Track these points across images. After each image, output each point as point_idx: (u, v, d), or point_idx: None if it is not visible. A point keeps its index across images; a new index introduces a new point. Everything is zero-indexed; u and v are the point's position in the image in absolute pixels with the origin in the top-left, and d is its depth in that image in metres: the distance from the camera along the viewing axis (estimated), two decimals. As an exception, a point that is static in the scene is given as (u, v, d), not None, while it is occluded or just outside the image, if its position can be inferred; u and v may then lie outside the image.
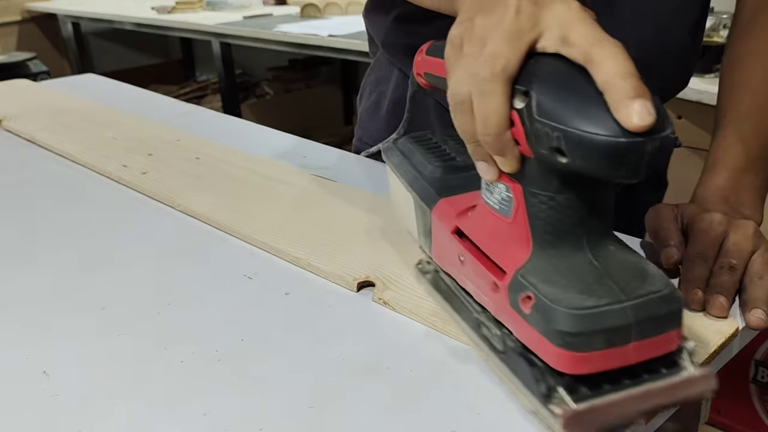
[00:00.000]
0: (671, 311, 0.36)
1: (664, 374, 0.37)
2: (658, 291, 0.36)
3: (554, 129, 0.35)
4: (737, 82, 0.65)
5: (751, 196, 0.59)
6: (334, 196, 0.68)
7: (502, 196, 0.41)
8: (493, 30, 0.38)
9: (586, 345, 0.35)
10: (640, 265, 0.38)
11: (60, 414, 0.41)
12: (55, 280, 0.56)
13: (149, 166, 0.77)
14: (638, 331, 0.35)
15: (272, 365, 0.45)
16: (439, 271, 0.50)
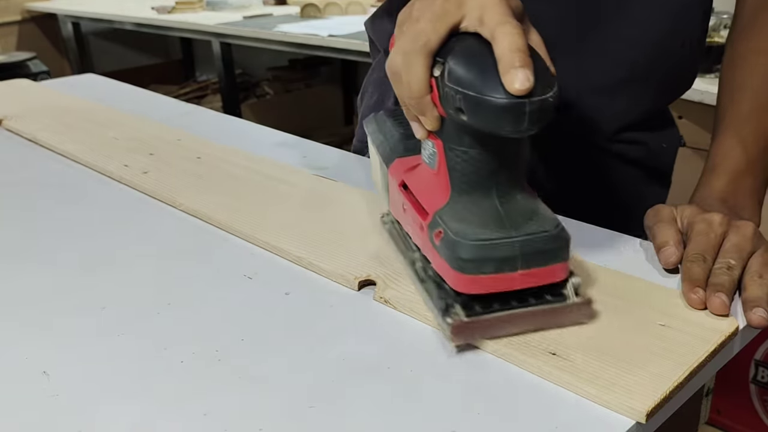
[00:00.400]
0: (555, 248, 0.44)
1: (548, 300, 0.45)
2: (546, 231, 0.44)
3: (457, 92, 0.42)
4: (738, 81, 0.65)
5: (750, 199, 0.60)
6: (335, 196, 0.68)
7: (429, 151, 0.49)
8: (424, 12, 0.45)
9: (477, 269, 0.43)
10: (537, 211, 0.46)
11: (60, 414, 0.41)
12: (56, 279, 0.56)
13: (150, 166, 0.77)
14: (524, 262, 0.43)
15: (272, 365, 0.45)
16: (394, 222, 0.58)
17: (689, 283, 0.49)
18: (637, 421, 0.39)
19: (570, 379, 0.41)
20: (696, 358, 0.43)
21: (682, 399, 0.43)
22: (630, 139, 0.74)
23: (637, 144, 0.75)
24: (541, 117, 0.41)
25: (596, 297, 0.49)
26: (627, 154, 0.75)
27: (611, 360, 0.43)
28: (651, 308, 0.48)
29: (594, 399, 0.40)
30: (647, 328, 0.46)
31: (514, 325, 0.45)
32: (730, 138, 0.62)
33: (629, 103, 0.72)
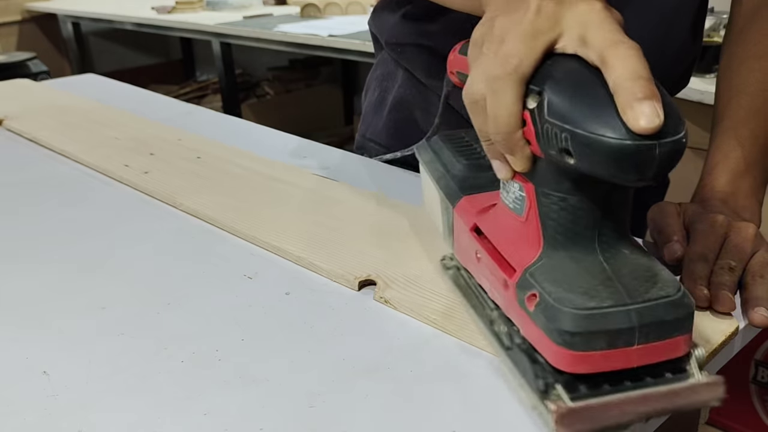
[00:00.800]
0: (679, 317, 0.36)
1: (668, 379, 0.37)
2: (667, 296, 0.36)
3: (563, 130, 0.35)
4: (735, 85, 0.65)
5: (750, 200, 0.60)
6: (335, 196, 0.68)
7: (516, 195, 0.41)
8: (511, 29, 0.38)
9: (585, 345, 0.35)
10: (653, 269, 0.38)
11: (60, 414, 0.41)
12: (56, 279, 0.56)
13: (151, 166, 0.77)
14: (642, 335, 0.35)
15: (272, 365, 0.45)
16: (460, 268, 0.51)
17: (692, 282, 0.49)
18: (637, 420, 0.39)
19: (570, 378, 0.41)
20: (696, 358, 0.42)
21: (682, 399, 0.43)
22: None
23: None
24: (673, 162, 0.34)
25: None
26: None
27: (611, 360, 0.43)
28: (651, 308, 0.48)
29: (594, 399, 0.40)
30: (647, 328, 0.46)
31: (634, 409, 0.36)
32: (728, 139, 0.62)
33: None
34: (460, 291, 0.49)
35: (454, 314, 0.48)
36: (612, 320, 0.35)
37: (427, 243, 0.58)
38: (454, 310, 0.48)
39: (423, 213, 0.63)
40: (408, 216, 0.63)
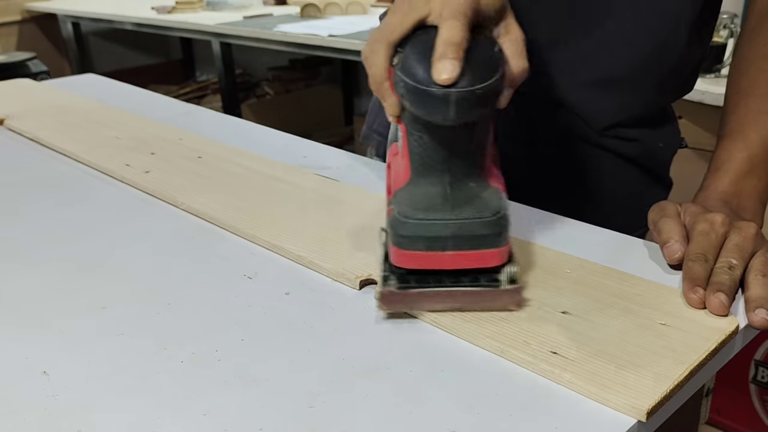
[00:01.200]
0: (489, 234, 0.46)
1: (479, 284, 0.48)
2: (481, 217, 0.46)
3: (401, 80, 0.45)
4: (744, 86, 0.65)
5: (753, 201, 0.60)
6: (335, 195, 0.68)
7: (398, 134, 0.51)
8: (400, 6, 0.49)
9: (410, 245, 0.47)
10: (485, 199, 0.48)
11: (60, 414, 0.41)
12: (56, 279, 0.56)
13: (152, 165, 0.77)
14: (454, 244, 0.46)
15: (272, 365, 0.45)
16: None
17: (689, 283, 0.49)
18: (638, 419, 0.39)
19: (571, 377, 0.41)
20: (697, 357, 0.43)
21: (683, 398, 0.43)
22: (624, 136, 0.75)
23: (630, 141, 0.75)
24: (469, 107, 0.44)
25: (598, 297, 0.49)
26: (621, 151, 0.75)
27: (612, 359, 0.43)
28: (652, 307, 0.48)
29: (595, 398, 0.40)
30: (648, 327, 0.46)
31: (443, 302, 0.48)
32: (735, 141, 0.62)
33: (622, 100, 0.72)
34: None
35: (455, 313, 0.48)
36: (430, 229, 0.46)
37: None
38: (454, 309, 0.48)
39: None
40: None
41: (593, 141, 0.74)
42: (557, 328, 0.46)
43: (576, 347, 0.44)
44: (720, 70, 1.44)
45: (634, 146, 0.75)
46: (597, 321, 0.46)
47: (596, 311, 0.48)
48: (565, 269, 0.53)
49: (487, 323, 0.47)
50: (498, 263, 0.47)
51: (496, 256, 0.47)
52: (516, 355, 0.44)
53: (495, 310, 0.48)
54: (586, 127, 0.74)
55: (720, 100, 1.38)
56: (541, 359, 0.43)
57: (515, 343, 0.45)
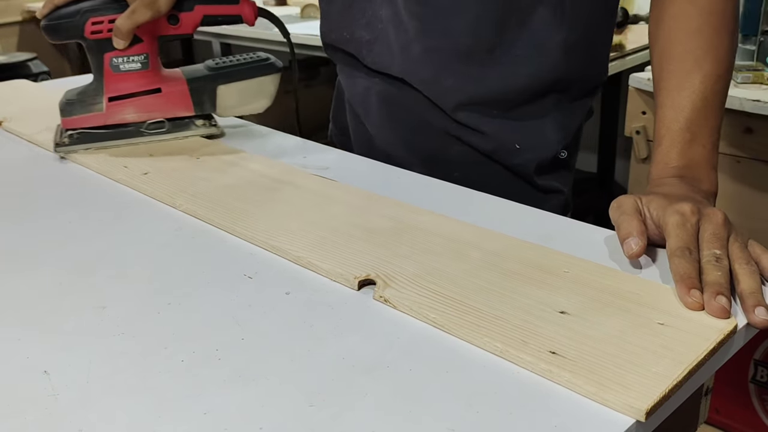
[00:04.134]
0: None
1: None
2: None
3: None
4: (661, 49, 0.67)
5: (704, 169, 0.62)
6: (335, 196, 0.68)
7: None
8: None
9: (67, 113, 0.82)
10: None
11: (61, 413, 0.41)
12: (56, 279, 0.56)
13: (150, 167, 0.77)
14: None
15: (272, 364, 0.45)
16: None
17: (683, 284, 0.49)
18: (637, 419, 0.39)
19: (569, 377, 0.41)
20: (695, 357, 0.43)
21: (682, 398, 0.43)
22: (474, 126, 0.78)
23: (480, 133, 0.79)
24: (45, 34, 0.78)
25: (595, 296, 0.50)
26: (470, 141, 0.79)
27: (610, 358, 0.43)
28: (650, 307, 0.48)
29: (593, 397, 0.40)
30: (646, 326, 0.46)
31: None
32: (668, 109, 0.64)
33: (465, 82, 0.77)
34: None
35: (454, 313, 0.48)
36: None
37: (427, 242, 0.58)
38: (453, 308, 0.49)
39: (421, 212, 0.64)
40: (408, 215, 0.63)
41: (439, 120, 0.80)
42: (555, 327, 0.46)
43: (574, 347, 0.44)
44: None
45: (485, 140, 0.79)
46: (595, 320, 0.47)
47: (594, 311, 0.48)
48: (563, 269, 0.53)
49: (486, 323, 0.47)
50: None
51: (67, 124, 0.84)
52: (515, 354, 0.44)
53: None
54: (434, 106, 0.79)
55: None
56: (540, 359, 0.43)
57: (514, 342, 0.45)
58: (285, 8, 2.85)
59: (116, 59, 0.82)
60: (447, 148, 0.81)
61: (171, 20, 0.84)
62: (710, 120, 0.63)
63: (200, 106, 0.85)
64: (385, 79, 0.83)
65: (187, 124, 0.86)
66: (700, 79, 0.64)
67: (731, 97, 1.31)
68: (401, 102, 0.82)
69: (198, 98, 0.85)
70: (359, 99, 0.87)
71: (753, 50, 1.43)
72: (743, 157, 1.36)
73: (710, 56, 0.64)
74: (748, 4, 1.42)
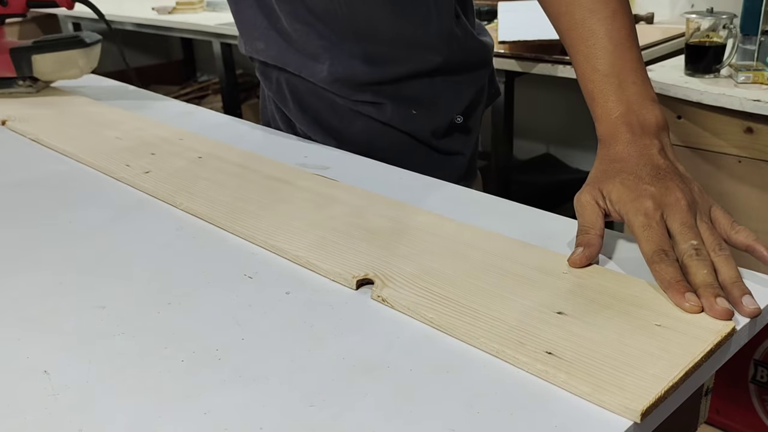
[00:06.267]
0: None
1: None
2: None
3: None
4: (553, 13, 0.67)
5: (646, 107, 0.59)
6: (335, 195, 0.68)
7: None
8: None
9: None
10: None
11: (61, 413, 0.41)
12: (57, 278, 0.57)
13: (152, 166, 0.77)
14: None
15: (272, 365, 0.45)
16: None
17: (673, 290, 0.48)
18: (632, 420, 0.39)
19: (565, 378, 0.42)
20: (692, 358, 0.43)
21: (681, 398, 0.43)
22: (363, 99, 0.86)
23: (372, 104, 0.87)
24: None
25: (593, 297, 0.50)
26: (366, 112, 0.87)
27: (607, 360, 0.43)
28: (648, 308, 0.48)
29: (589, 398, 0.41)
30: (643, 328, 0.46)
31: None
32: (583, 63, 0.62)
33: (353, 72, 0.85)
34: None
35: (451, 313, 0.48)
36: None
37: (427, 242, 0.58)
38: (450, 309, 0.49)
39: (420, 212, 0.64)
40: (407, 215, 0.63)
41: (347, 105, 0.88)
42: (553, 328, 0.46)
43: (571, 348, 0.44)
44: (719, 70, 1.45)
45: (382, 110, 0.86)
46: (592, 322, 0.47)
47: (592, 312, 0.48)
48: (562, 270, 0.53)
49: (483, 323, 0.47)
50: None
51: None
52: (511, 355, 0.44)
53: None
54: (333, 93, 0.87)
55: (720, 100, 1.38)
56: (536, 359, 0.43)
57: (510, 343, 0.45)
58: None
59: None
60: (352, 122, 0.89)
61: (1, 2, 1.06)
62: (627, 56, 0.61)
63: (20, 70, 1.09)
64: (288, 73, 0.91)
65: (9, 83, 1.11)
66: (597, 23, 0.62)
67: (731, 97, 1.31)
68: (306, 89, 0.90)
69: (18, 63, 1.09)
70: (275, 91, 0.95)
71: (753, 50, 1.43)
72: (744, 157, 1.37)
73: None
74: (748, 3, 1.42)
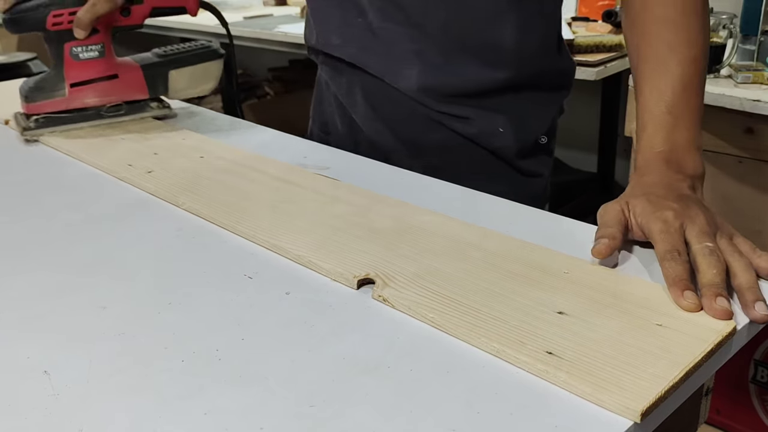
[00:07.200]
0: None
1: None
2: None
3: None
4: (634, 37, 0.69)
5: (689, 152, 0.62)
6: (337, 195, 0.68)
7: None
8: None
9: (31, 100, 0.87)
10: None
11: (61, 413, 0.41)
12: (57, 278, 0.57)
13: (154, 165, 0.77)
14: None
15: (272, 365, 0.45)
16: None
17: (675, 287, 0.49)
18: (633, 420, 0.39)
19: (566, 377, 0.42)
20: (692, 358, 0.43)
21: (681, 398, 0.43)
22: (449, 111, 0.82)
23: (458, 117, 0.83)
24: (6, 27, 0.83)
25: (594, 297, 0.50)
26: (449, 124, 0.83)
27: (607, 359, 0.43)
28: (649, 308, 0.48)
29: (589, 398, 0.41)
30: (644, 327, 0.46)
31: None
32: (648, 95, 0.65)
33: (443, 80, 0.81)
34: None
35: (452, 313, 0.48)
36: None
37: (429, 242, 0.58)
38: (451, 308, 0.49)
39: (422, 212, 0.64)
40: (408, 215, 0.63)
41: (429, 115, 0.83)
42: (553, 328, 0.46)
43: (572, 348, 0.44)
44: (719, 70, 1.45)
45: (468, 124, 0.82)
46: (593, 321, 0.47)
47: (592, 312, 0.48)
48: (563, 270, 0.53)
49: (484, 323, 0.47)
50: (26, 113, 0.89)
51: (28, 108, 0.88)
52: (512, 355, 0.44)
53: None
54: (419, 97, 0.83)
55: (720, 100, 1.38)
56: (537, 359, 0.43)
57: (511, 343, 0.45)
58: (285, 8, 2.85)
59: (76, 48, 0.88)
60: (431, 134, 0.84)
61: (123, 12, 0.92)
62: (691, 102, 0.64)
63: (154, 90, 0.94)
64: (365, 74, 0.87)
65: (142, 106, 0.94)
66: (675, 63, 0.64)
67: (731, 97, 1.31)
68: (384, 93, 0.85)
69: (152, 82, 0.94)
70: (344, 92, 0.91)
71: (753, 50, 1.43)
72: (744, 157, 1.37)
73: (682, 39, 0.65)
74: (748, 4, 1.42)
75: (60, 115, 0.89)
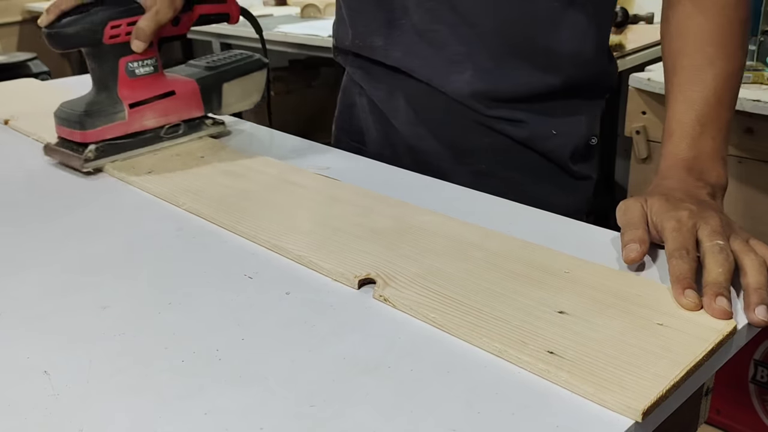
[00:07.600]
0: (74, 119, 0.77)
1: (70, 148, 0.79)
2: (68, 109, 0.78)
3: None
4: (672, 45, 0.68)
5: (713, 162, 0.62)
6: (338, 195, 0.68)
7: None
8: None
9: (90, 126, 0.76)
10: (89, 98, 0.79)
11: (61, 413, 0.41)
12: (58, 278, 0.56)
13: (155, 165, 0.77)
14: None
15: (272, 365, 0.45)
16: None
17: (677, 284, 0.49)
18: (634, 419, 0.39)
19: (567, 377, 0.42)
20: (693, 358, 0.43)
21: (682, 398, 0.43)
22: (510, 117, 0.79)
23: (516, 122, 0.79)
24: (51, 42, 0.73)
25: (595, 296, 0.50)
26: (499, 128, 0.80)
27: (609, 359, 0.43)
28: (650, 308, 0.48)
29: (590, 397, 0.41)
30: (645, 327, 0.46)
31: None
32: (680, 103, 0.65)
33: (479, 75, 0.78)
34: None
35: (453, 313, 0.48)
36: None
37: (430, 242, 0.58)
38: (453, 308, 0.49)
39: (423, 212, 0.64)
40: (408, 215, 0.63)
41: (477, 120, 0.80)
42: (554, 328, 0.46)
43: (573, 347, 0.44)
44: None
45: (520, 128, 0.80)
46: (594, 321, 0.47)
47: (593, 311, 0.48)
48: (564, 270, 0.53)
49: (485, 323, 0.47)
50: (81, 141, 0.76)
51: (79, 136, 0.76)
52: (513, 354, 0.44)
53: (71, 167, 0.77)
54: (468, 101, 0.79)
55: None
56: (538, 359, 0.43)
57: (512, 342, 0.45)
58: (285, 8, 2.86)
59: (132, 64, 0.78)
60: (480, 138, 0.81)
61: (173, 21, 0.82)
62: (722, 115, 0.64)
63: (209, 105, 0.85)
64: (409, 78, 0.83)
65: (198, 124, 0.85)
66: (711, 75, 0.65)
67: (731, 97, 1.31)
68: (430, 98, 0.81)
69: (207, 97, 0.85)
70: (383, 97, 0.86)
71: (753, 50, 1.43)
72: (744, 157, 1.36)
73: (721, 53, 0.65)
74: (748, 4, 1.42)
75: (121, 142, 0.78)
